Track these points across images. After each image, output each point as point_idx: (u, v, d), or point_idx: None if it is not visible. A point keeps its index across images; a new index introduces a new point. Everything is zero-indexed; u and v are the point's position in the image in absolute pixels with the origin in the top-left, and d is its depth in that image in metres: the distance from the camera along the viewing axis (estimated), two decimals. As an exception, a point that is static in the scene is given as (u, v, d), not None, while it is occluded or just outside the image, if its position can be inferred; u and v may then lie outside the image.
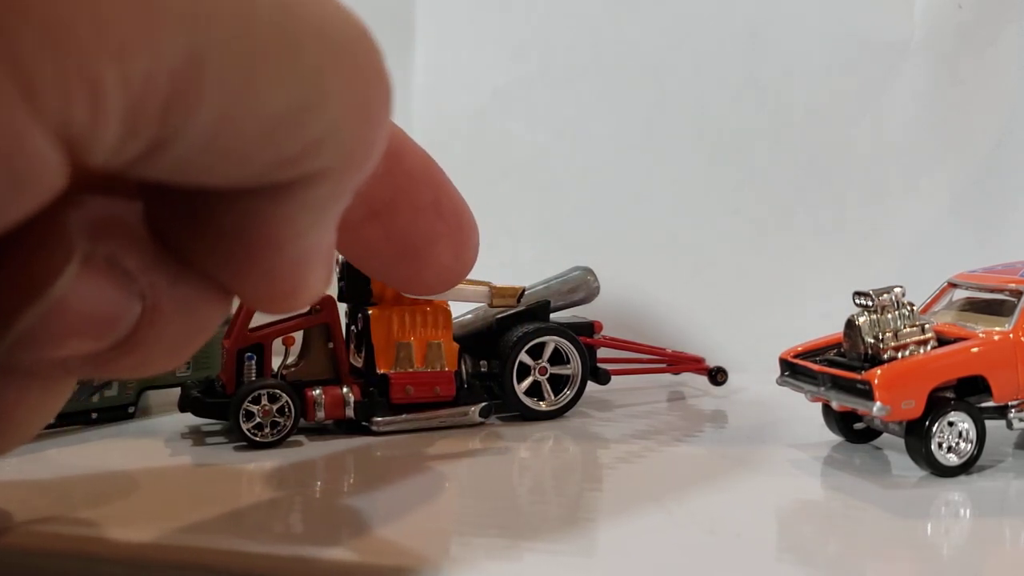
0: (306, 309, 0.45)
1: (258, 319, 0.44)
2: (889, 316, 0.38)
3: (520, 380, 0.48)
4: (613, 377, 0.52)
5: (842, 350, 0.40)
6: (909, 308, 0.38)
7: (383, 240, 0.21)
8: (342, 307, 0.46)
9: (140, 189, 0.15)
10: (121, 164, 0.13)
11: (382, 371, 0.45)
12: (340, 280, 0.47)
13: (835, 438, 0.42)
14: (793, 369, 0.41)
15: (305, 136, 0.14)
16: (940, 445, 0.37)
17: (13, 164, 0.11)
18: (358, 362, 0.46)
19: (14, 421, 0.17)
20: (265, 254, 0.15)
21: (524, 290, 0.47)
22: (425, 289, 0.22)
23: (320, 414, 0.43)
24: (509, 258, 0.65)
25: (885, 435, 0.41)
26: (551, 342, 0.49)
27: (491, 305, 0.46)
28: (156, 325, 0.15)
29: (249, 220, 0.15)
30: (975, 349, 0.37)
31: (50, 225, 0.14)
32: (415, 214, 0.21)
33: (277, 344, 0.44)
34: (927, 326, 0.38)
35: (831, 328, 0.41)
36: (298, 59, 0.13)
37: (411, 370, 0.45)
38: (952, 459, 0.37)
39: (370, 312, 0.45)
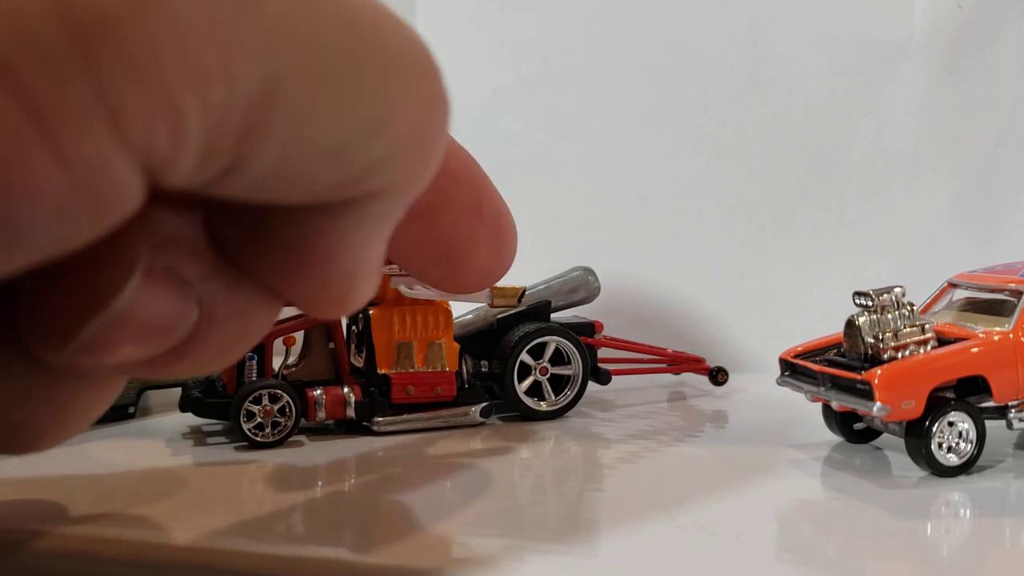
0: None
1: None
2: (889, 316, 0.38)
3: (521, 380, 0.48)
4: (614, 377, 0.52)
5: (842, 350, 0.40)
6: (909, 308, 0.38)
7: (423, 241, 0.21)
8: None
9: (202, 199, 0.16)
10: (195, 186, 0.13)
11: (383, 371, 0.45)
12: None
13: (835, 438, 0.42)
14: (793, 369, 0.41)
15: (369, 157, 0.14)
16: (940, 445, 0.37)
17: (98, 189, 0.12)
18: (359, 362, 0.46)
19: (69, 417, 0.17)
20: (320, 266, 0.16)
21: (525, 290, 0.47)
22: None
23: (321, 414, 0.43)
24: (509, 258, 0.65)
25: (885, 435, 0.41)
26: (552, 342, 0.49)
27: (492, 305, 0.46)
28: (211, 330, 0.15)
29: (307, 234, 0.15)
30: (975, 349, 0.37)
31: (116, 237, 0.14)
32: (457, 216, 0.21)
33: (278, 344, 0.44)
34: (927, 326, 0.38)
35: (831, 328, 0.41)
36: (365, 82, 0.14)
37: (412, 370, 0.45)
38: (952, 459, 0.37)
39: (371, 312, 0.45)
